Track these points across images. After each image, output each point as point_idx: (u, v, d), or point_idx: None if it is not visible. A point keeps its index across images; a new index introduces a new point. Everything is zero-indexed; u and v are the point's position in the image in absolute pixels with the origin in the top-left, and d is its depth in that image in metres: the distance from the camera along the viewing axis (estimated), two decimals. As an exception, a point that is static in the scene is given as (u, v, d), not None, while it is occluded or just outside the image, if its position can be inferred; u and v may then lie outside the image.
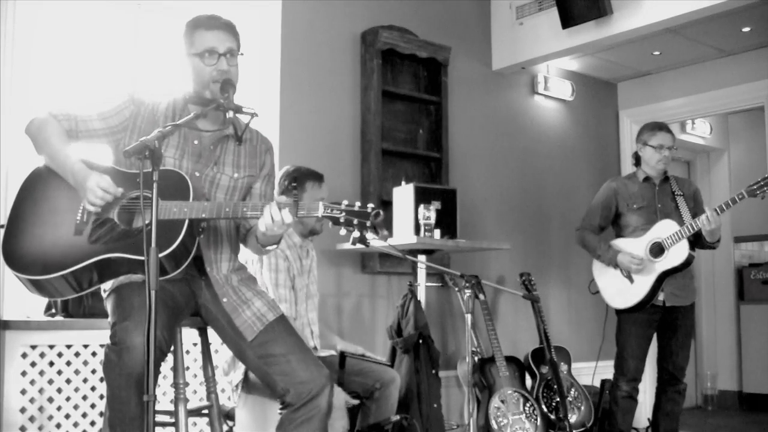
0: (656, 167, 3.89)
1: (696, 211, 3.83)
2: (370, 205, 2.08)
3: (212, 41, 2.26)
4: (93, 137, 2.28)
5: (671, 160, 3.95)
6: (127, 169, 2.24)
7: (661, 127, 3.92)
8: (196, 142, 2.32)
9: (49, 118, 2.25)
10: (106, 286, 2.26)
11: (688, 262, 3.73)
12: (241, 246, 2.49)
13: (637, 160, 4.00)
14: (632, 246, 3.87)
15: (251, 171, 2.43)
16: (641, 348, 3.89)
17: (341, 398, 2.98)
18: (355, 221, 2.06)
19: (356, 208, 2.06)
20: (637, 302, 3.83)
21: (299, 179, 3.19)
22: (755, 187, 3.53)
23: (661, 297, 3.81)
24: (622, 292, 3.89)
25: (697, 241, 3.81)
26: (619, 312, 3.95)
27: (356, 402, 3.14)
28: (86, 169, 2.15)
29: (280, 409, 2.26)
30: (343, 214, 2.06)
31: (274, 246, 2.31)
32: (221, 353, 3.16)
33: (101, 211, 2.13)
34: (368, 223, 2.06)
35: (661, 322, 3.91)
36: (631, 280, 3.84)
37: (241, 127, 2.35)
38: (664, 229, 3.77)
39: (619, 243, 3.94)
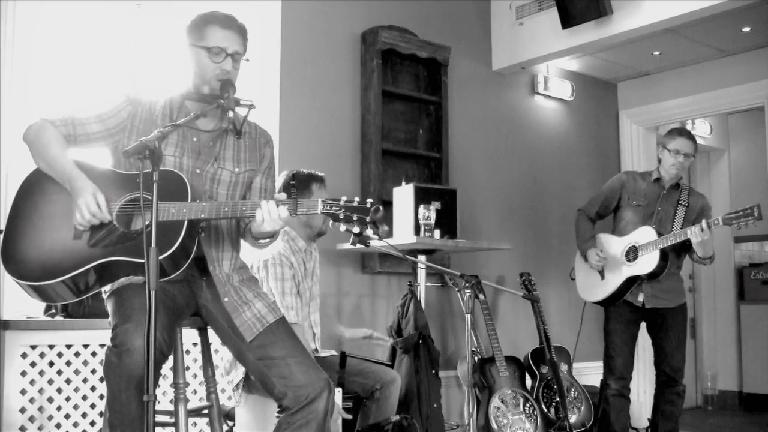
0: (669, 171, 3.89)
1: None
2: (369, 201, 2.08)
3: (224, 40, 2.27)
4: (91, 141, 2.27)
5: (687, 167, 3.94)
6: (127, 170, 2.24)
7: (681, 132, 3.90)
8: (195, 139, 2.32)
9: (46, 124, 2.23)
10: (107, 287, 2.26)
11: (658, 271, 3.76)
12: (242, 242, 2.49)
13: (659, 160, 4.02)
14: (613, 244, 3.93)
15: (252, 165, 2.42)
16: (627, 346, 3.92)
17: (335, 410, 2.98)
18: (355, 217, 2.06)
19: (355, 204, 2.07)
20: (601, 299, 3.93)
21: (305, 182, 3.19)
22: (733, 216, 3.53)
23: (640, 298, 3.86)
24: (591, 285, 4.00)
25: (687, 252, 3.83)
26: (605, 309, 4.00)
27: (349, 417, 3.13)
28: (84, 179, 2.13)
29: (278, 412, 2.25)
30: (342, 210, 2.06)
31: (268, 240, 2.30)
32: (221, 353, 3.16)
33: (85, 229, 2.12)
34: (368, 219, 2.06)
35: (650, 325, 3.95)
36: (602, 277, 3.90)
37: (239, 120, 2.35)
38: (643, 235, 3.82)
39: (604, 238, 4.01)
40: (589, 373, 4.67)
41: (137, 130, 2.26)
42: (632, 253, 3.83)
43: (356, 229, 2.08)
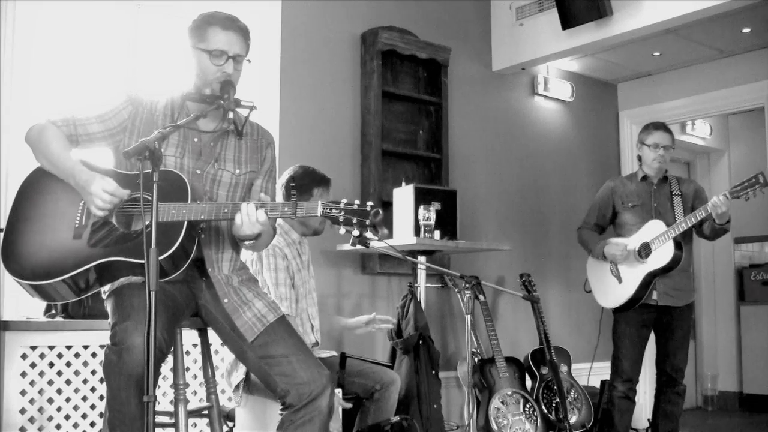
0: (652, 166, 3.92)
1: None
2: (369, 204, 2.08)
3: (224, 43, 2.26)
4: (93, 140, 2.27)
5: (669, 160, 3.96)
6: (127, 170, 2.24)
7: (657, 126, 3.94)
8: (196, 139, 2.32)
9: (47, 124, 2.23)
10: (106, 287, 2.26)
11: (674, 263, 3.74)
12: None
13: (640, 159, 4.03)
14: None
15: (253, 167, 2.42)
16: (636, 348, 3.90)
17: (334, 400, 2.98)
18: (354, 220, 2.06)
19: (355, 207, 2.06)
20: (624, 302, 3.87)
21: (307, 184, 3.17)
22: (738, 188, 3.55)
23: (654, 296, 3.83)
24: (610, 291, 3.94)
25: (702, 232, 3.81)
26: (614, 312, 3.97)
27: (349, 406, 3.13)
28: (88, 172, 2.13)
29: (281, 410, 2.26)
30: (342, 213, 2.06)
31: (252, 242, 2.25)
32: (221, 354, 3.16)
33: (108, 214, 2.12)
34: (367, 222, 2.06)
35: (657, 323, 3.92)
36: (620, 280, 3.87)
37: (240, 121, 2.33)
38: (652, 229, 3.81)
39: (612, 241, 3.97)
40: (589, 373, 4.67)
41: (138, 131, 2.26)
42: (644, 250, 3.82)
43: (356, 232, 2.08)
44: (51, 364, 3.26)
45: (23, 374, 3.19)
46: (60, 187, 2.19)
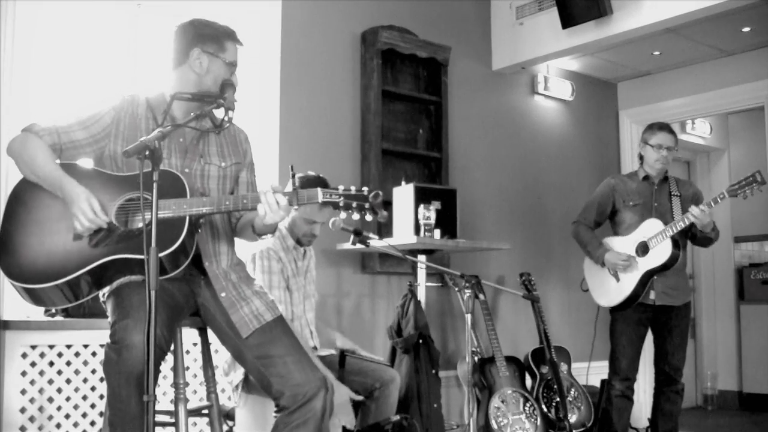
0: (654, 166, 3.92)
1: None
2: (365, 188, 2.17)
3: (236, 56, 2.39)
4: (77, 148, 2.25)
5: (671, 161, 3.96)
6: (112, 172, 2.24)
7: (662, 127, 3.94)
8: (181, 139, 2.33)
9: (29, 135, 2.22)
10: (105, 289, 2.25)
11: (672, 261, 3.75)
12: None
13: (641, 158, 4.03)
14: (622, 244, 3.91)
15: (237, 158, 2.45)
16: (633, 347, 3.90)
17: (344, 393, 2.99)
18: (354, 204, 2.14)
19: (353, 192, 2.15)
20: (621, 300, 3.87)
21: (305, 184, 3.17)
22: (736, 187, 3.58)
23: (651, 296, 3.84)
24: (608, 290, 3.94)
25: (694, 239, 3.84)
26: (612, 311, 3.97)
27: (361, 398, 3.13)
28: (77, 185, 2.12)
29: (275, 412, 2.25)
30: (342, 198, 2.13)
31: (269, 235, 2.33)
32: (221, 353, 3.16)
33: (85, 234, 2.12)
34: (367, 205, 2.15)
35: (654, 322, 3.93)
36: (617, 279, 3.88)
37: (216, 117, 2.40)
38: (650, 228, 3.81)
39: (610, 241, 3.98)
40: (589, 373, 4.66)
41: (123, 135, 2.27)
42: (642, 249, 3.82)
43: (356, 216, 2.15)
44: (51, 363, 3.27)
45: (23, 373, 3.20)
46: (51, 193, 2.18)
